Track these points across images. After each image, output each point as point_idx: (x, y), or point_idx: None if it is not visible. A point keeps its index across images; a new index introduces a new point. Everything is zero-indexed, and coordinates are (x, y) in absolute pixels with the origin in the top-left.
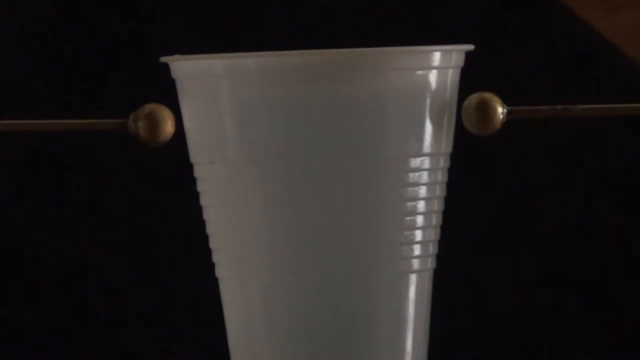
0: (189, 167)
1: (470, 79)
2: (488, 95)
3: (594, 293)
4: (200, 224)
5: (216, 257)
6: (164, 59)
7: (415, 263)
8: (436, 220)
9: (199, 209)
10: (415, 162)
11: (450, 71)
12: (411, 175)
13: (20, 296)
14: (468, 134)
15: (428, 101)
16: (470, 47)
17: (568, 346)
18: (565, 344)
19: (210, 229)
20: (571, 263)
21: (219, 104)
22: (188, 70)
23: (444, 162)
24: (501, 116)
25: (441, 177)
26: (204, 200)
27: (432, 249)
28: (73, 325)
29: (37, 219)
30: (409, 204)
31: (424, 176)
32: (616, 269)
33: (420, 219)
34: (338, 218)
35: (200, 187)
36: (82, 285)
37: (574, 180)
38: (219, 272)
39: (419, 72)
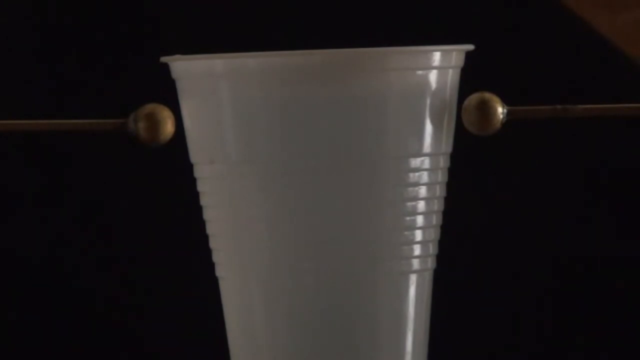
0: (189, 167)
1: (470, 79)
2: (488, 95)
3: (594, 293)
4: (200, 224)
5: (216, 257)
6: (164, 59)
7: (415, 263)
8: (436, 220)
9: (199, 209)
10: (415, 162)
11: (450, 71)
12: (411, 175)
13: (20, 296)
14: (468, 134)
15: (428, 101)
16: (470, 47)
17: (568, 346)
18: (565, 344)
19: (210, 229)
20: (571, 263)
21: (219, 104)
22: (188, 70)
23: (444, 162)
24: (501, 116)
25: (441, 177)
26: (204, 200)
27: (432, 249)
28: (72, 325)
29: (36, 218)
30: (409, 204)
31: (424, 176)
32: (616, 269)
33: (420, 219)
34: (338, 218)
35: (200, 187)
36: (82, 285)
37: (573, 180)
38: (219, 272)
39: (419, 72)
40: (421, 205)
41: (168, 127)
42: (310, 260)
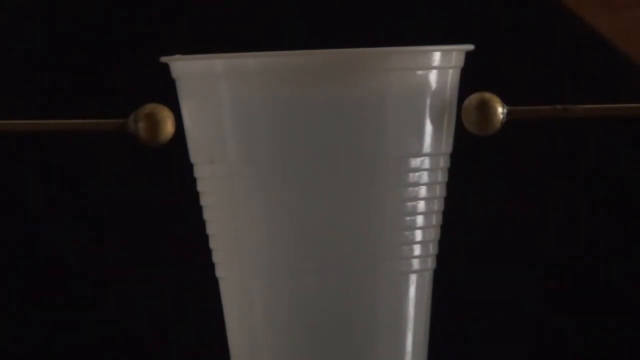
0: (189, 167)
1: (470, 79)
2: (488, 95)
3: (594, 293)
4: (200, 224)
5: (216, 257)
6: (164, 59)
7: (415, 263)
8: (436, 220)
9: (199, 209)
10: (415, 162)
11: (450, 71)
12: (411, 175)
13: (19, 294)
14: (468, 134)
15: (428, 101)
16: (470, 47)
17: (568, 346)
18: (564, 344)
19: (210, 229)
20: (571, 263)
21: (219, 104)
22: (188, 70)
23: (444, 162)
24: (501, 116)
25: (441, 177)
26: (204, 200)
27: (432, 249)
28: (72, 325)
29: (36, 218)
30: (409, 204)
31: (424, 176)
32: (617, 269)
33: (420, 219)
34: (338, 218)
35: (200, 187)
36: (82, 285)
37: (573, 180)
38: (219, 272)
39: (419, 72)
40: (421, 205)
41: (168, 127)
42: (310, 260)
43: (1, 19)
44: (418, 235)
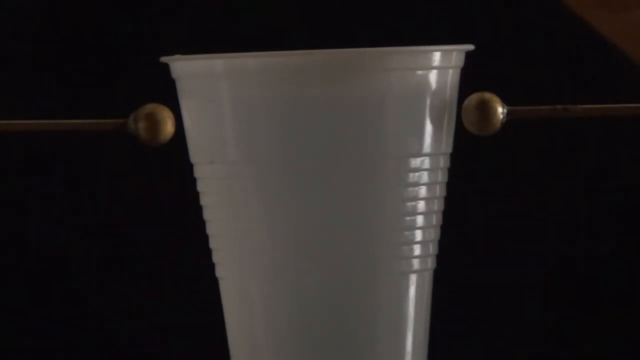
0: (189, 167)
1: (470, 79)
2: (488, 95)
3: (594, 293)
4: (200, 224)
5: (216, 257)
6: (164, 59)
7: (415, 263)
8: (436, 220)
9: (199, 209)
10: (415, 162)
11: (450, 71)
12: (411, 175)
13: (19, 294)
14: (468, 134)
15: (428, 101)
16: (470, 47)
17: (567, 347)
18: (564, 345)
19: (210, 229)
20: (571, 263)
21: (219, 104)
22: (188, 70)
23: (444, 162)
24: (501, 116)
25: (441, 177)
26: (204, 200)
27: (432, 249)
28: (72, 325)
29: (36, 219)
30: (409, 204)
31: (424, 176)
32: (616, 270)
33: (420, 219)
34: (338, 218)
35: (200, 187)
36: (82, 285)
37: (573, 180)
38: (219, 272)
39: (419, 72)
40: (421, 205)
41: (168, 127)
42: (310, 260)
43: (1, 19)
44: (418, 235)
